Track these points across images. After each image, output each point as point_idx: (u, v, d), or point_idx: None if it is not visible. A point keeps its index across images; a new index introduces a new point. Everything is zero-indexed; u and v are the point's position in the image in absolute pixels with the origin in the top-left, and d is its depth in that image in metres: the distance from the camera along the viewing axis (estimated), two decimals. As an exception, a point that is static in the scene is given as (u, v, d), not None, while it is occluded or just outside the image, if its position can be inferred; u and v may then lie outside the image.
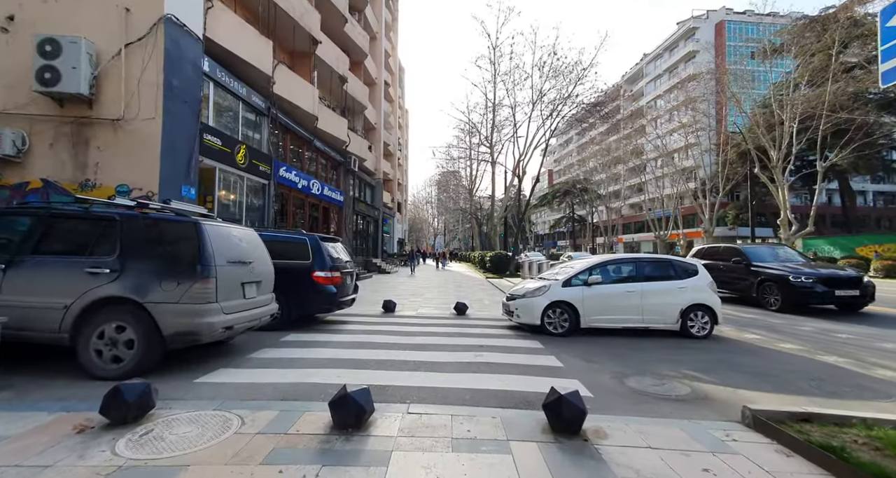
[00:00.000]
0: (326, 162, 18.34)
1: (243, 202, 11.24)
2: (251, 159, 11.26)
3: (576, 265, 6.80)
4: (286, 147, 14.26)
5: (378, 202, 26.44)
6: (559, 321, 6.16)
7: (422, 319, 7.67)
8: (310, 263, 6.14)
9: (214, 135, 9.71)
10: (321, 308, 6.24)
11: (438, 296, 11.68)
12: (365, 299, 10.27)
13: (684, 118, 37.16)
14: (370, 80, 24.98)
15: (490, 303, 10.36)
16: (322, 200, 16.98)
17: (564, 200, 64.05)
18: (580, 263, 6.75)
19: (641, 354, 5.17)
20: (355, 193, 22.53)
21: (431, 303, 10.11)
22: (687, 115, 36.91)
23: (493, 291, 13.57)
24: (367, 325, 6.83)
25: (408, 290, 13.36)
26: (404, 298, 10.78)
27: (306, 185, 15.02)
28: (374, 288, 13.55)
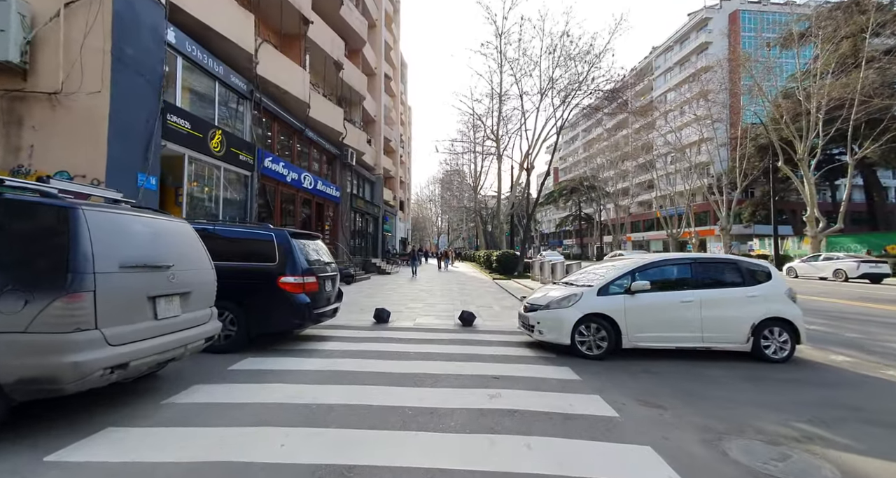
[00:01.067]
0: (320, 155, 17.05)
1: (220, 195, 9.96)
2: (229, 147, 9.97)
3: (614, 267, 5.41)
4: (274, 136, 12.98)
5: (378, 199, 25.15)
6: (595, 340, 4.80)
7: (420, 332, 6.33)
8: (276, 266, 4.82)
9: (182, 117, 8.42)
10: (289, 323, 4.90)
11: (441, 301, 10.34)
12: (356, 306, 8.95)
13: (699, 111, 35.51)
14: (369, 71, 23.67)
15: (500, 310, 9.00)
16: (315, 195, 15.69)
17: (571, 198, 62.46)
18: (621, 264, 5.37)
19: (717, 390, 3.79)
20: (353, 189, 21.24)
21: (433, 310, 8.77)
22: (701, 107, 35.27)
23: (501, 294, 12.21)
24: (351, 342, 5.50)
25: (407, 293, 12.04)
26: (402, 304, 9.45)
27: (297, 178, 13.73)
28: (370, 291, 12.24)
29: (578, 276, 5.96)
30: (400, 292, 12.24)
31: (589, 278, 5.49)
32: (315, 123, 15.18)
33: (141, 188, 7.15)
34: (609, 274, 5.20)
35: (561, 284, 5.88)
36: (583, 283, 5.37)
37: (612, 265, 5.64)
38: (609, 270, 5.47)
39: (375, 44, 24.95)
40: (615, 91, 17.25)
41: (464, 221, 70.36)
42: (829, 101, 23.10)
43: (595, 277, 5.42)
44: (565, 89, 16.81)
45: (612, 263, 5.72)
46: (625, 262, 5.52)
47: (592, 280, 5.31)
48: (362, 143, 20.24)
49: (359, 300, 10.03)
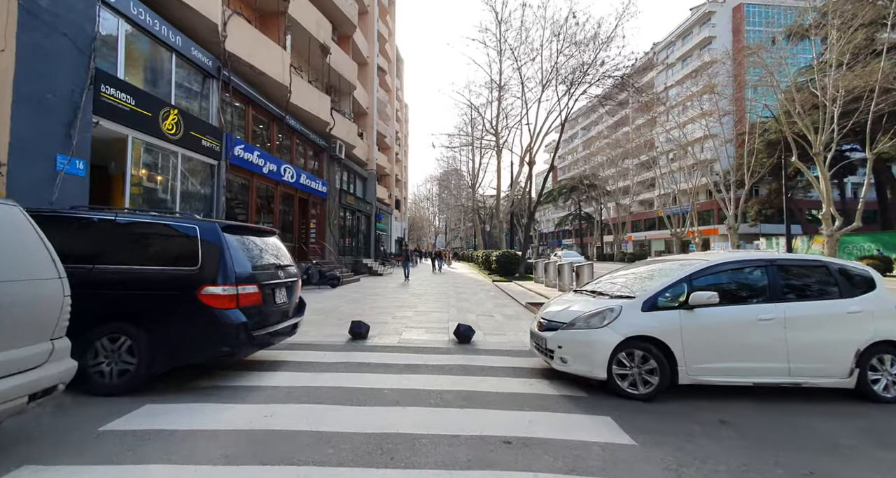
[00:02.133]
0: (305, 146, 15.68)
1: (177, 186, 8.57)
2: (188, 130, 8.59)
3: (659, 272, 4.09)
4: (248, 122, 11.60)
5: (371, 196, 23.79)
6: (641, 373, 3.47)
7: (404, 354, 4.98)
8: (197, 272, 3.46)
9: (125, 90, 7.04)
10: (213, 351, 3.50)
11: (434, 308, 9.00)
12: (335, 315, 7.59)
13: (705, 105, 34.29)
14: (361, 59, 22.31)
15: (503, 320, 7.66)
16: (298, 189, 14.32)
17: (570, 197, 61.26)
18: (670, 267, 4.05)
19: (848, 463, 2.47)
20: (343, 184, 19.88)
21: (424, 320, 7.42)
22: (707, 102, 34.06)
23: (503, 299, 10.88)
24: (310, 371, 4.15)
25: (397, 299, 10.69)
26: (389, 313, 8.09)
27: (275, 170, 12.35)
28: (356, 296, 10.88)
29: (606, 283, 4.63)
30: (389, 297, 10.89)
31: (622, 286, 4.17)
32: (298, 110, 13.82)
33: (60, 173, 5.78)
34: (654, 282, 3.88)
35: (585, 293, 4.54)
36: (617, 292, 4.04)
37: (652, 269, 4.32)
38: (647, 276, 4.16)
39: (368, 32, 23.60)
40: (626, 77, 15.93)
41: (461, 221, 69.11)
42: (845, 93, 21.93)
43: (630, 285, 4.10)
44: (570, 76, 15.52)
45: (651, 267, 4.40)
46: (672, 264, 4.20)
47: (629, 289, 3.98)
48: (352, 135, 18.88)
49: (339, 308, 8.67)
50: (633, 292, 3.82)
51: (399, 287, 13.84)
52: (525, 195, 23.48)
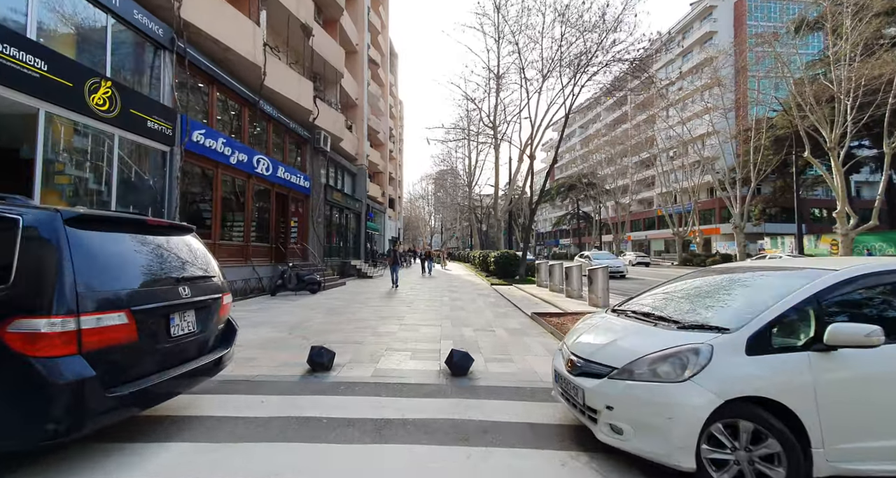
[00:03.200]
0: (284, 136, 14.22)
1: (114, 175, 7.11)
2: (127, 108, 7.14)
3: (764, 284, 2.73)
4: (212, 105, 10.14)
5: (360, 193, 22.34)
6: (752, 460, 2.10)
7: (376, 399, 3.57)
8: (3, 293, 2.05)
9: (33, 52, 5.60)
10: (28, 431, 2.07)
11: (424, 320, 7.60)
12: (299, 332, 6.12)
13: (708, 101, 33.13)
14: (349, 47, 20.88)
15: (506, 336, 6.28)
16: (275, 183, 12.87)
17: (569, 196, 60.11)
18: (772, 282, 2.69)
19: None
20: (329, 179, 18.44)
21: (410, 337, 6.02)
22: (710, 97, 32.92)
23: (504, 307, 9.51)
24: (220, 441, 2.75)
25: (382, 308, 9.29)
26: (368, 328, 6.69)
27: (246, 160, 10.91)
28: (335, 305, 9.46)
29: (660, 299, 3.25)
30: (374, 306, 9.49)
31: (692, 308, 2.80)
32: (275, 96, 12.38)
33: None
34: (745, 302, 2.52)
35: (632, 316, 3.14)
36: (689, 318, 2.65)
37: (730, 281, 2.97)
38: (726, 292, 2.81)
39: (357, 18, 22.16)
40: (638, 61, 14.62)
41: (457, 220, 67.80)
42: (862, 85, 20.82)
43: (702, 304, 2.75)
44: (576, 61, 14.17)
45: (726, 278, 3.05)
46: (766, 274, 2.84)
47: (706, 313, 2.62)
48: (339, 126, 17.44)
49: (310, 321, 7.26)
50: (721, 320, 2.45)
51: (387, 293, 12.43)
52: (525, 191, 22.17)
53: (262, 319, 7.34)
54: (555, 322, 7.10)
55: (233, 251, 10.63)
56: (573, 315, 7.80)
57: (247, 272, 10.96)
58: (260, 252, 12.03)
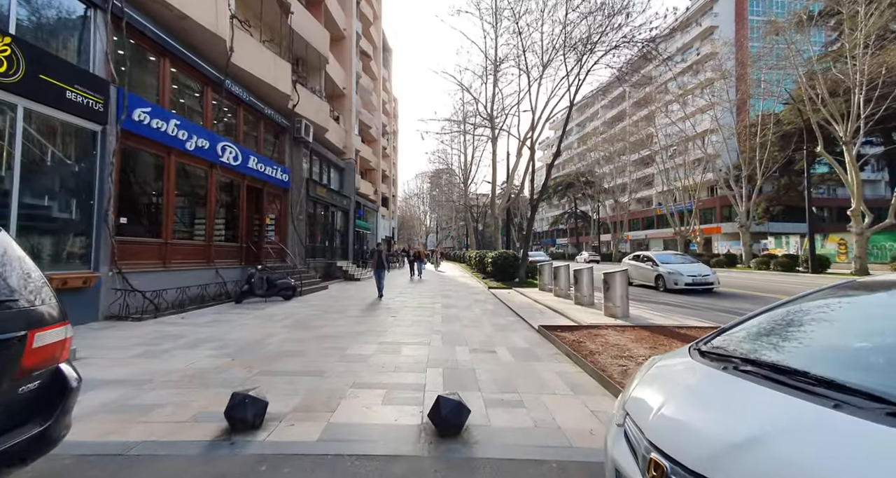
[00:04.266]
0: (258, 122, 12.75)
1: (16, 155, 5.65)
2: (35, 72, 5.69)
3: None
4: (163, 81, 8.67)
5: (349, 189, 20.90)
6: None
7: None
8: None
9: None
10: None
11: (410, 336, 6.22)
12: (245, 358, 4.64)
13: (712, 93, 32.02)
14: (336, 32, 19.43)
15: (511, 361, 4.90)
16: (246, 175, 11.43)
17: (566, 195, 59.06)
18: None
19: None
20: (312, 173, 17.00)
21: (388, 365, 4.63)
22: (715, 91, 31.81)
23: (505, 316, 8.14)
24: None
25: (362, 319, 7.89)
26: (338, 348, 5.29)
27: (207, 147, 9.46)
28: (306, 315, 8.04)
29: (791, 338, 1.89)
30: (353, 316, 8.09)
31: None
32: (246, 76, 10.95)
33: None
34: None
35: (750, 371, 1.76)
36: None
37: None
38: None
39: (345, 1, 20.69)
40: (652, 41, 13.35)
41: (453, 219, 66.50)
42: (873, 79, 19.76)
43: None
44: (584, 39, 12.86)
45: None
46: None
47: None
48: (323, 115, 16.00)
49: (268, 339, 5.85)
50: None
51: (372, 300, 11.03)
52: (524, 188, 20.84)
53: (207, 336, 5.92)
54: (569, 340, 5.76)
55: (190, 252, 9.18)
56: (589, 329, 6.46)
57: (209, 276, 9.52)
58: (226, 253, 10.58)
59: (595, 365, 4.51)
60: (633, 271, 13.83)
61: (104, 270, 6.75)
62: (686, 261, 13.73)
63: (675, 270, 12.58)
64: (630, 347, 5.28)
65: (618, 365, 4.51)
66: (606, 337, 5.98)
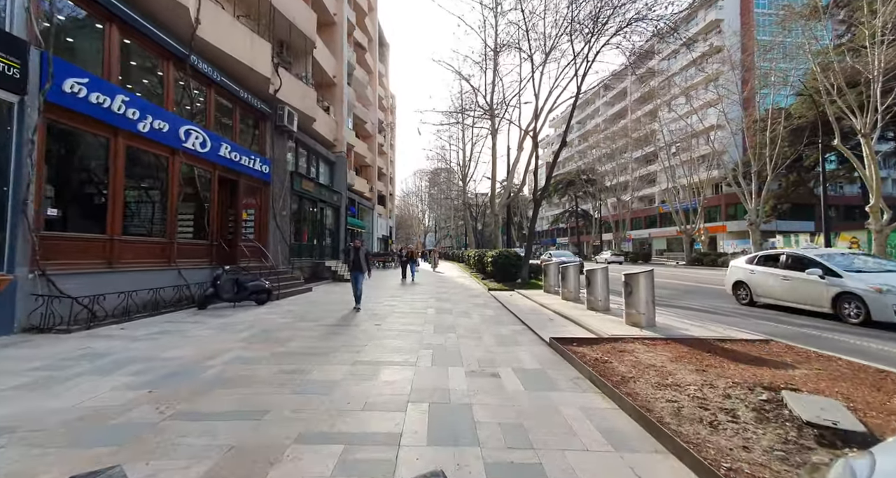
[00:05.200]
0: (233, 107, 11.53)
1: None
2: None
3: None
4: (108, 50, 7.43)
5: (340, 184, 19.69)
6: None
7: None
8: None
9: None
10: None
11: (391, 353, 5.02)
12: (172, 390, 3.40)
13: (719, 85, 30.85)
14: (325, 16, 18.23)
15: (522, 392, 3.67)
16: (217, 164, 10.22)
17: (567, 193, 57.85)
18: None
19: None
20: (299, 166, 15.80)
21: (355, 400, 3.40)
22: (722, 84, 30.65)
23: (510, 326, 6.95)
24: None
25: (335, 330, 6.71)
26: (298, 371, 4.05)
27: (167, 130, 8.25)
28: (274, 324, 6.84)
29: None
30: (327, 325, 6.89)
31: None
32: (216, 54, 9.75)
33: None
34: None
35: None
36: None
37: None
38: None
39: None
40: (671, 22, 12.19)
41: (451, 218, 65.37)
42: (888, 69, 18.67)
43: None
44: (592, 19, 11.71)
45: None
46: None
47: None
48: (310, 103, 14.79)
49: (217, 356, 4.64)
50: None
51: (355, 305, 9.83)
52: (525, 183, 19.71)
53: (138, 354, 4.73)
54: (591, 358, 4.60)
55: (145, 250, 7.97)
56: (612, 344, 5.30)
57: (169, 278, 8.32)
58: (192, 251, 9.37)
59: (634, 399, 3.34)
60: (766, 282, 9.00)
61: (22, 272, 5.55)
62: (882, 266, 8.01)
63: (890, 285, 6.89)
64: (671, 370, 4.11)
65: (665, 400, 3.34)
66: (636, 354, 4.82)
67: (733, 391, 3.51)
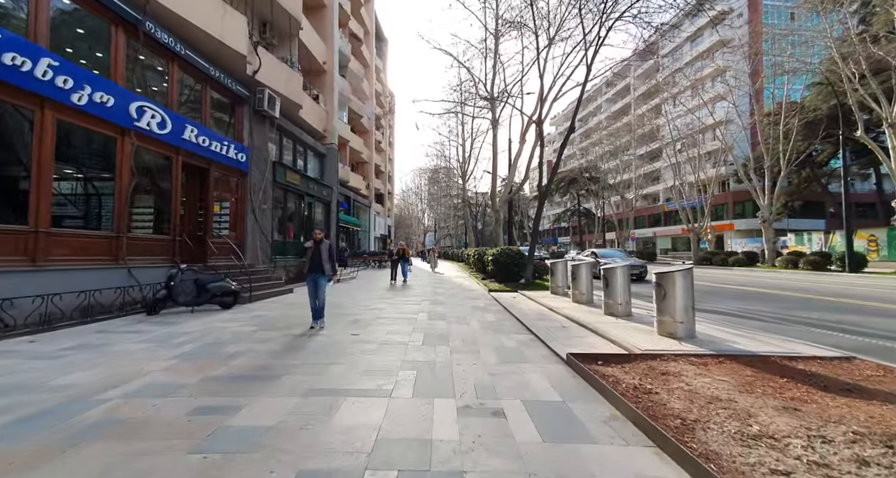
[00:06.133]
0: (201, 86, 10.29)
1: None
2: None
3: None
4: (35, 8, 6.25)
5: (330, 178, 18.48)
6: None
7: None
8: None
9: None
10: None
11: (359, 378, 3.78)
12: (12, 441, 2.27)
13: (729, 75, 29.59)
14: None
15: (540, 446, 2.42)
16: (181, 149, 9.01)
17: (569, 191, 56.58)
18: None
19: None
20: (283, 157, 14.60)
21: (277, 472, 2.26)
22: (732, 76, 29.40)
23: (515, 336, 5.73)
24: None
25: (302, 344, 5.51)
26: (222, 409, 2.79)
27: (112, 105, 7.06)
28: (231, 334, 5.63)
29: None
30: (293, 335, 5.68)
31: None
32: (179, 23, 8.55)
33: None
34: None
35: None
36: None
37: None
38: None
39: (325, -35, 18.28)
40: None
41: (451, 218, 64.18)
42: None
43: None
44: None
45: None
46: None
47: None
48: (295, 88, 13.60)
49: (128, 381, 3.41)
50: None
51: (338, 307, 8.62)
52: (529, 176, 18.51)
53: (21, 380, 3.53)
54: (627, 386, 3.38)
55: (83, 246, 6.77)
56: (649, 362, 4.08)
57: (117, 278, 7.12)
58: (149, 248, 8.17)
59: (720, 470, 2.12)
60: None
61: None
62: None
63: None
64: (747, 408, 2.89)
65: (767, 469, 2.13)
66: (686, 378, 3.60)
67: (863, 449, 2.30)
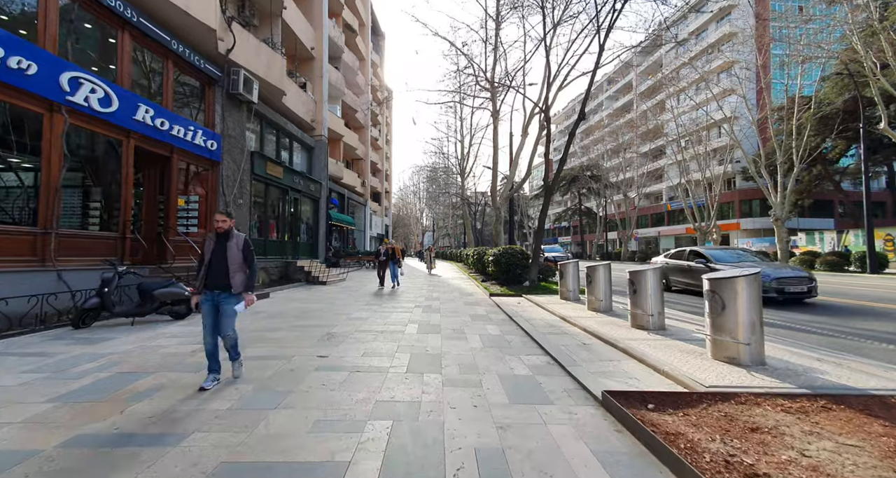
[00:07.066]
0: (161, 61, 9.04)
1: None
2: None
3: None
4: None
5: (319, 172, 17.23)
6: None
7: None
8: None
9: None
10: None
11: (307, 435, 2.58)
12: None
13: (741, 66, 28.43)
14: (301, -22, 15.80)
15: None
16: (132, 132, 7.76)
17: (570, 190, 55.41)
18: None
19: None
20: (264, 147, 13.36)
21: None
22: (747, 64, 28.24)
23: (523, 357, 4.50)
24: None
25: (228, 380, 4.28)
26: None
27: (33, 74, 5.81)
28: (163, 355, 4.37)
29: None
30: (246, 358, 4.46)
31: None
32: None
33: None
34: None
35: None
36: None
37: None
38: None
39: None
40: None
41: (450, 217, 63.01)
42: None
43: None
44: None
45: None
46: None
47: None
48: (277, 73, 12.36)
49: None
50: None
51: (318, 316, 7.38)
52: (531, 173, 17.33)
53: None
54: (713, 462, 2.13)
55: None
56: (723, 407, 2.84)
57: (41, 283, 5.88)
58: (88, 247, 6.92)
59: None
60: None
61: None
62: None
63: None
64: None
65: None
66: (789, 439, 2.37)
67: None
